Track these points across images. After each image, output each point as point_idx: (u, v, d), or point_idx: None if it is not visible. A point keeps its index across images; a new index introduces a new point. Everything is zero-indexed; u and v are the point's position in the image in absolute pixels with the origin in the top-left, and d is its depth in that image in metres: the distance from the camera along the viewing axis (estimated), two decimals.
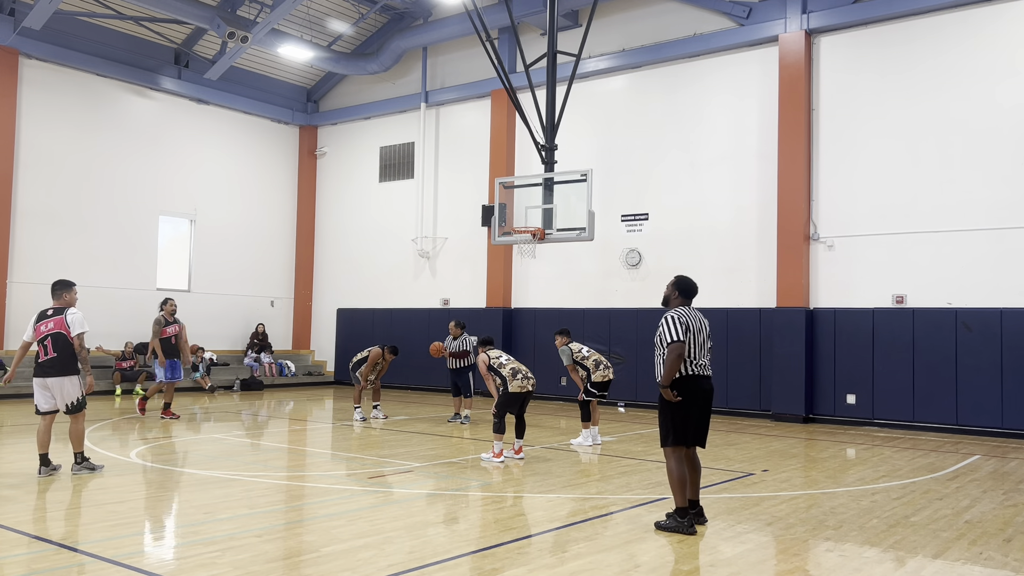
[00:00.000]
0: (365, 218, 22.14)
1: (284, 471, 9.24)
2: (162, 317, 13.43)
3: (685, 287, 6.73)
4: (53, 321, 8.23)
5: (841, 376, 14.65)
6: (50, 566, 5.24)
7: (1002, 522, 6.98)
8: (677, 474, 6.46)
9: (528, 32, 18.88)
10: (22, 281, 17.76)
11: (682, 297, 6.74)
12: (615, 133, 17.79)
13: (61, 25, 18.04)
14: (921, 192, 14.23)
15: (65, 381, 8.19)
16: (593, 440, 11.22)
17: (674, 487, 6.46)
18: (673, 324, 6.49)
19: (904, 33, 14.54)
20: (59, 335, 8.18)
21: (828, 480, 9.00)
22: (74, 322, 8.24)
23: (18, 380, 17.00)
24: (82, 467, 8.45)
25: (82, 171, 18.79)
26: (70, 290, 8.53)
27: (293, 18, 19.94)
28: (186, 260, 20.95)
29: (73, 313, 8.30)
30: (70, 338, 8.19)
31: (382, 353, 13.64)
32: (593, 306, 17.66)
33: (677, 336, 6.44)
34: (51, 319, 8.26)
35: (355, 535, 6.18)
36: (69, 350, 8.19)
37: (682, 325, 6.46)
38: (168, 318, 13.48)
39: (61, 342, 8.17)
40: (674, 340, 6.43)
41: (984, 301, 13.51)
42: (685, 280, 6.75)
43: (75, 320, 8.26)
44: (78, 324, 8.25)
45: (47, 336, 8.18)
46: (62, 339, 8.17)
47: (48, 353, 8.17)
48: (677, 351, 6.41)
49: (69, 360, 8.20)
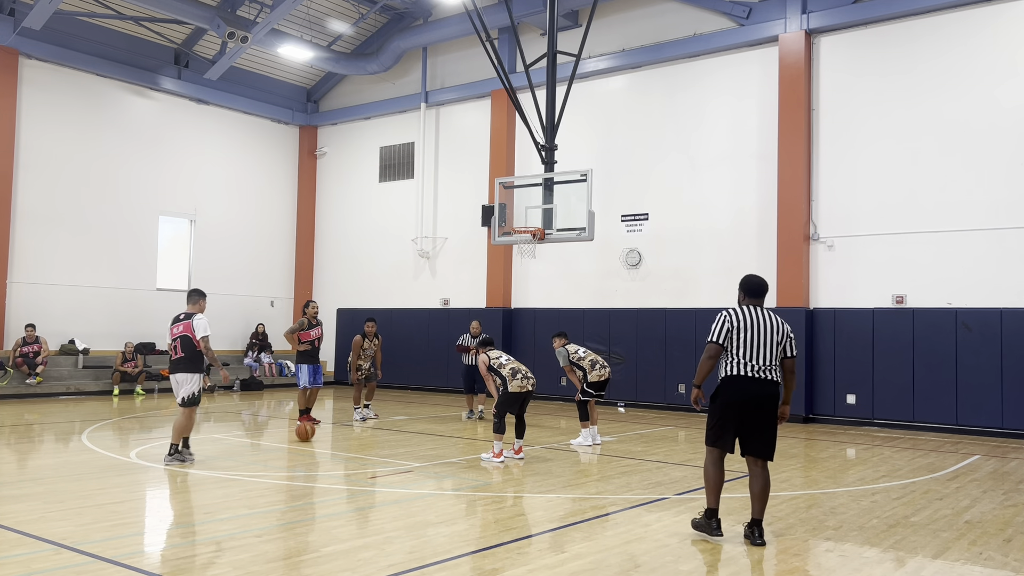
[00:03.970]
0: (365, 218, 22.15)
1: (284, 471, 9.24)
2: (305, 320, 12.64)
3: (748, 285, 6.35)
4: (182, 325, 9.21)
5: (841, 376, 14.65)
6: (50, 566, 5.23)
7: (1002, 522, 6.98)
8: (708, 475, 6.22)
9: (528, 32, 18.88)
10: (22, 281, 17.76)
11: (748, 297, 6.33)
12: (615, 133, 17.79)
13: (61, 25, 18.03)
14: (921, 192, 14.23)
15: (186, 377, 9.13)
16: (593, 440, 11.22)
17: (706, 488, 6.25)
18: (717, 322, 6.20)
19: (904, 33, 14.54)
20: (186, 337, 9.14)
21: (828, 480, 8.99)
22: (199, 327, 9.15)
23: (16, 381, 17.00)
24: (173, 458, 9.07)
25: (82, 171, 18.79)
26: (202, 298, 9.48)
27: (293, 18, 19.93)
28: (186, 260, 20.95)
29: (199, 319, 9.20)
30: (195, 340, 9.08)
31: (362, 338, 13.54)
32: (593, 306, 17.66)
33: (712, 335, 6.19)
34: (181, 323, 9.25)
35: (355, 535, 6.18)
36: (194, 351, 9.12)
37: (727, 323, 6.15)
38: (312, 320, 12.65)
39: (188, 344, 9.13)
40: (709, 340, 6.20)
41: (984, 301, 13.51)
42: (747, 279, 6.38)
43: (199, 325, 9.16)
44: (202, 328, 9.15)
45: (177, 338, 9.19)
46: (188, 341, 9.13)
47: (177, 353, 9.18)
48: (708, 352, 6.18)
49: (193, 360, 9.15)
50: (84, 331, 18.64)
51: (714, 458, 6.23)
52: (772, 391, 6.13)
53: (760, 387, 6.09)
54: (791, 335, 6.29)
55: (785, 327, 6.26)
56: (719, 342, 6.15)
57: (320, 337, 12.78)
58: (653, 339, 16.62)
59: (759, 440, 6.13)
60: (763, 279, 6.42)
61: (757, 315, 6.20)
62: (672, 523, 6.68)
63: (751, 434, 6.13)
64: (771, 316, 6.25)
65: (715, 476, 6.21)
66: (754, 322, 6.15)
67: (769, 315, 6.25)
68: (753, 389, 6.08)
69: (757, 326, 6.14)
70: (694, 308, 16.09)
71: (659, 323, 16.58)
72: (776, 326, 6.20)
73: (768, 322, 6.19)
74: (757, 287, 6.35)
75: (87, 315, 18.76)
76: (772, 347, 6.13)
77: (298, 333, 12.53)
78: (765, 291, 6.37)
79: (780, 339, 6.18)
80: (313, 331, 12.62)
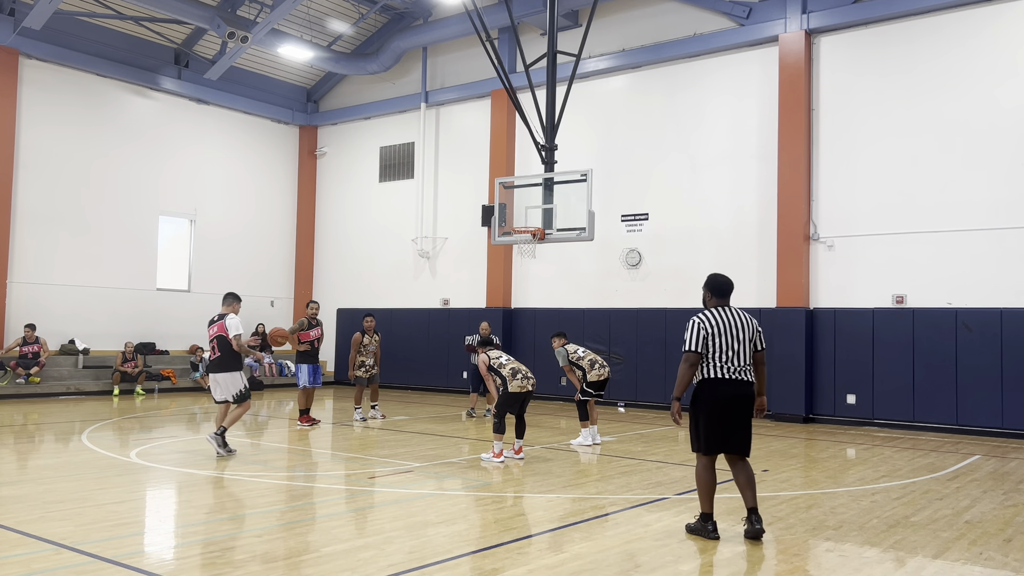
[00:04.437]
0: (365, 218, 22.15)
1: (284, 471, 9.24)
2: (305, 320, 12.66)
3: (715, 285, 6.32)
4: (216, 326, 9.73)
5: (841, 376, 14.65)
6: (50, 566, 5.23)
7: (1002, 522, 6.98)
8: (701, 480, 6.23)
9: (528, 32, 18.88)
10: (22, 281, 17.77)
11: (715, 297, 6.34)
12: (615, 133, 17.79)
13: (61, 25, 18.03)
14: (921, 192, 14.23)
15: (227, 376, 9.65)
16: (593, 440, 11.22)
17: (699, 493, 6.27)
18: (689, 331, 6.19)
19: (904, 33, 14.54)
20: (222, 338, 9.65)
21: (828, 480, 8.99)
22: (231, 325, 9.68)
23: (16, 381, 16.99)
24: (215, 440, 9.56)
25: (82, 171, 18.79)
26: (237, 301, 9.99)
27: (293, 18, 19.94)
28: (186, 260, 20.95)
29: (232, 318, 9.73)
30: (229, 339, 9.58)
31: (361, 334, 13.53)
32: (593, 306, 17.66)
33: (689, 344, 6.16)
34: (216, 324, 9.76)
35: (355, 535, 6.18)
36: (230, 350, 9.63)
37: (702, 330, 6.14)
38: (312, 320, 12.71)
39: (224, 343, 9.64)
40: (685, 349, 6.17)
41: (984, 301, 13.51)
42: (714, 278, 6.35)
43: (232, 324, 9.70)
44: (233, 327, 9.68)
45: (214, 339, 9.69)
46: (224, 341, 9.63)
47: (215, 353, 9.68)
48: (687, 361, 6.16)
49: (230, 359, 9.65)
50: (84, 331, 18.64)
51: (704, 463, 6.28)
52: (749, 391, 6.22)
53: (738, 388, 6.16)
54: (759, 329, 6.37)
55: (753, 322, 6.33)
56: (697, 350, 6.17)
57: (320, 337, 12.81)
58: (653, 339, 16.62)
59: (738, 438, 6.20)
60: (729, 278, 6.45)
61: (729, 316, 6.25)
62: (672, 523, 6.68)
63: (732, 433, 6.19)
64: (740, 314, 6.31)
65: (707, 480, 6.24)
66: (727, 324, 6.20)
67: (737, 314, 6.30)
68: (732, 391, 6.15)
69: (730, 328, 6.19)
70: (694, 308, 15.94)
71: (659, 323, 16.58)
72: (746, 323, 6.27)
73: (739, 322, 6.25)
74: (724, 287, 6.38)
75: (87, 315, 18.76)
76: (746, 346, 6.21)
77: (298, 333, 12.54)
78: (731, 290, 6.41)
79: (751, 336, 6.26)
80: (313, 331, 12.64)
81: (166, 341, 20.06)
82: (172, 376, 19.03)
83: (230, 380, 9.69)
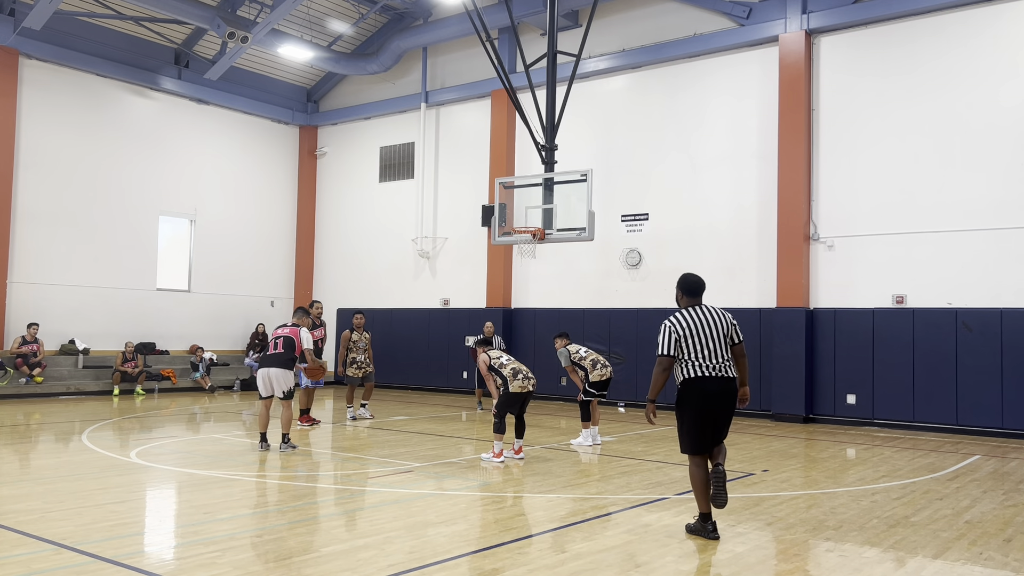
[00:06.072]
0: (365, 218, 22.15)
1: (284, 471, 9.23)
2: (310, 320, 12.27)
3: (686, 285, 6.41)
4: (289, 330, 10.45)
5: (841, 376, 14.65)
6: (50, 566, 5.23)
7: (1002, 522, 6.98)
8: (696, 480, 6.25)
9: (528, 32, 18.88)
10: (22, 281, 17.77)
11: (687, 296, 6.41)
12: (615, 133, 17.78)
13: (61, 25, 18.03)
14: (921, 192, 14.23)
15: (283, 373, 10.25)
16: (593, 440, 11.22)
17: (695, 493, 6.28)
18: (662, 334, 6.27)
19: (905, 33, 14.54)
20: (290, 339, 10.34)
21: (828, 480, 8.99)
22: (305, 338, 10.45)
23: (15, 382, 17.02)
24: (287, 446, 10.19)
25: (82, 171, 18.79)
26: (307, 316, 10.88)
27: (293, 18, 19.94)
28: (186, 260, 20.95)
29: (306, 332, 10.52)
30: (299, 346, 10.34)
31: (349, 331, 13.48)
32: (593, 306, 17.66)
33: (661, 348, 6.24)
34: (288, 327, 10.50)
35: (355, 535, 6.18)
36: (292, 352, 10.32)
37: (673, 333, 6.20)
38: (316, 320, 12.59)
39: (289, 344, 10.32)
40: (658, 353, 6.24)
41: (984, 301, 13.51)
42: (686, 278, 6.45)
43: (306, 337, 10.47)
44: (307, 341, 10.45)
45: (280, 337, 10.37)
46: (291, 343, 10.33)
47: (277, 349, 10.30)
48: (661, 365, 6.22)
49: (289, 359, 10.31)
50: (84, 331, 18.64)
51: (696, 462, 6.30)
52: (731, 387, 6.27)
53: (720, 384, 6.20)
54: (734, 323, 6.42)
55: (727, 317, 6.38)
56: (670, 354, 6.22)
57: (323, 338, 12.83)
58: (653, 339, 16.32)
59: (720, 431, 6.31)
60: (700, 277, 6.53)
61: (702, 315, 6.30)
62: (672, 523, 6.68)
63: (719, 430, 6.30)
64: (712, 311, 6.35)
65: (702, 479, 6.24)
66: (700, 323, 6.25)
67: (710, 311, 6.35)
68: (714, 387, 6.19)
69: (704, 326, 6.24)
70: None
71: (659, 323, 16.42)
72: (719, 319, 6.32)
73: (713, 319, 6.29)
74: (695, 286, 6.46)
75: (87, 315, 18.76)
76: (722, 342, 6.25)
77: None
78: (703, 289, 6.48)
79: (726, 331, 6.29)
80: (315, 332, 12.58)
81: (166, 341, 20.07)
82: (172, 376, 19.03)
83: (284, 377, 10.25)
